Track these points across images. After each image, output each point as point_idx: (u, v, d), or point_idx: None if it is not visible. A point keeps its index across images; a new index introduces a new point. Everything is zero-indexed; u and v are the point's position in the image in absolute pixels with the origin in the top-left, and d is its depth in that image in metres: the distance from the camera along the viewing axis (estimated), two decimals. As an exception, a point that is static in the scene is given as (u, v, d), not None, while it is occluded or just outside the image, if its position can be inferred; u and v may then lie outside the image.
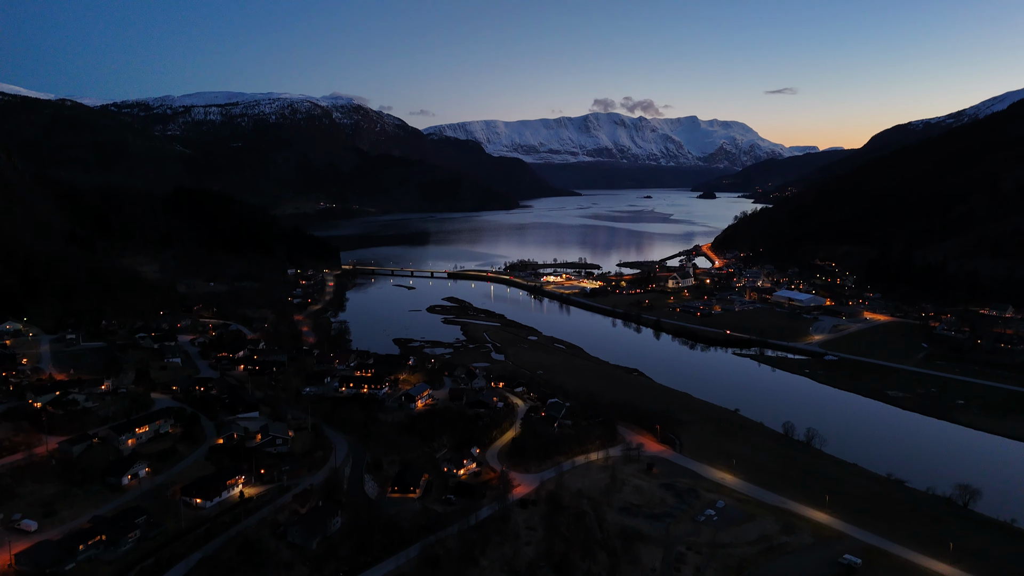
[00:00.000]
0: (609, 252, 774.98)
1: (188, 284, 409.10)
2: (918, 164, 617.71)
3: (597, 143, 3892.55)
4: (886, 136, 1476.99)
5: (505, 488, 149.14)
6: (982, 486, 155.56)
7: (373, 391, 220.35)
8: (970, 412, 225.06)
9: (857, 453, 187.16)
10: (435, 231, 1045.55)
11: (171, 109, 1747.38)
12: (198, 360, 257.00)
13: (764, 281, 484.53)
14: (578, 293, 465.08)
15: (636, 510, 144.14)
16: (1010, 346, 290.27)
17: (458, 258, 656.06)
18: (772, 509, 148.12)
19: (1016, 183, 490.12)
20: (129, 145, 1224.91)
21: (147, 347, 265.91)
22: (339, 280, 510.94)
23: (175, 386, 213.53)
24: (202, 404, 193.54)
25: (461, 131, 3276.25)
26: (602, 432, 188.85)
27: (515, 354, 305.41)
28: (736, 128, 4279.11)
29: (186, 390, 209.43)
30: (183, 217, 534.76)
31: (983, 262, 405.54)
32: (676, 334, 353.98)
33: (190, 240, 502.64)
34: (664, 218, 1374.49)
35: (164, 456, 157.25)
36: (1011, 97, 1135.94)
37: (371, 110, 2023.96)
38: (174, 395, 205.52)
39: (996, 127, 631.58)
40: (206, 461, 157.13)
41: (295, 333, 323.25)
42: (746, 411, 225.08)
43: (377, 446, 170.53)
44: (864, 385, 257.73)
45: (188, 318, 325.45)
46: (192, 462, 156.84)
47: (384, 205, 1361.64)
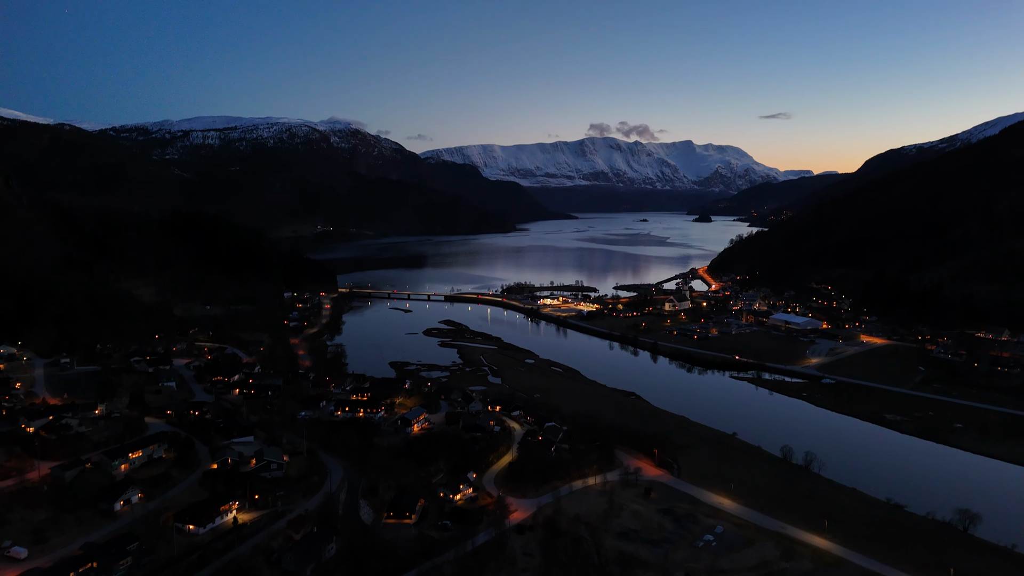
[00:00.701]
0: (606, 275, 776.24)
1: (184, 307, 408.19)
2: (912, 188, 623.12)
3: (593, 167, 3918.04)
4: (880, 160, 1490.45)
5: (502, 513, 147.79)
6: (982, 511, 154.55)
7: (369, 415, 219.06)
8: (969, 436, 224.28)
9: (856, 477, 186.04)
10: (432, 254, 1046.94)
11: (170, 133, 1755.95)
12: (193, 384, 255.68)
13: (760, 304, 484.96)
14: (575, 316, 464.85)
15: (634, 535, 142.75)
16: (1007, 369, 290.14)
17: (455, 281, 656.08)
18: (771, 534, 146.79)
19: (1010, 207, 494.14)
20: (127, 169, 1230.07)
21: (142, 371, 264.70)
22: (336, 303, 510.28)
23: (169, 410, 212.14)
24: (196, 428, 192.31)
25: (458, 155, 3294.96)
26: (600, 456, 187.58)
27: (512, 377, 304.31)
28: (731, 152, 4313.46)
29: (180, 414, 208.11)
30: (180, 241, 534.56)
31: (978, 285, 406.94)
32: (673, 357, 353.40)
33: (187, 263, 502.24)
34: (660, 241, 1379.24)
35: (157, 481, 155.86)
36: (1003, 122, 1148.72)
37: (369, 134, 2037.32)
38: (168, 419, 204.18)
39: (988, 151, 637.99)
40: (200, 486, 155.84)
41: (291, 356, 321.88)
42: (744, 435, 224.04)
43: (373, 471, 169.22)
44: (862, 408, 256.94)
45: (184, 341, 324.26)
46: (185, 487, 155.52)
47: (381, 228, 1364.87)
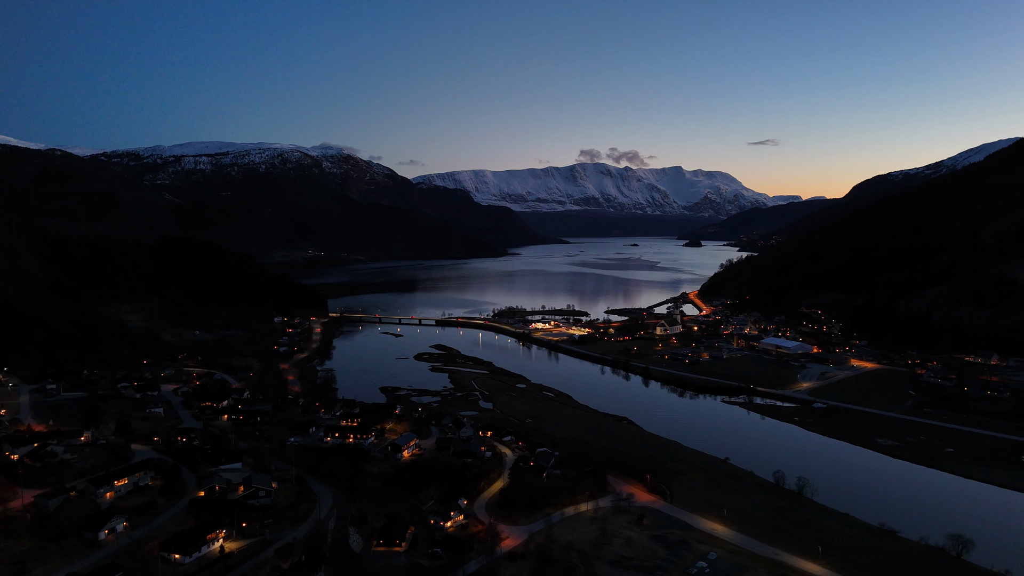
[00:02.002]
0: (597, 299, 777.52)
1: (174, 333, 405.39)
2: (900, 214, 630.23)
3: (584, 192, 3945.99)
4: (867, 186, 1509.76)
5: (493, 541, 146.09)
6: (975, 536, 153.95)
7: (359, 441, 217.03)
8: (960, 461, 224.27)
9: (848, 502, 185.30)
10: (423, 279, 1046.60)
11: (161, 159, 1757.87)
12: (181, 410, 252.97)
13: (751, 328, 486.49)
14: (566, 340, 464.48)
15: (627, 563, 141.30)
16: (996, 394, 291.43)
17: (446, 305, 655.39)
18: (765, 561, 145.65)
19: (995, 234, 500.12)
20: (118, 195, 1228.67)
21: (129, 397, 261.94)
22: (326, 328, 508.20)
23: (157, 437, 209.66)
24: (184, 455, 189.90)
25: (450, 180, 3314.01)
26: (592, 482, 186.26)
27: (503, 402, 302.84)
28: (720, 178, 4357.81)
29: (168, 441, 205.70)
30: (171, 266, 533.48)
31: (966, 311, 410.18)
32: (665, 381, 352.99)
33: (177, 289, 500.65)
34: (651, 266, 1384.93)
35: (143, 510, 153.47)
36: (987, 149, 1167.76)
37: (361, 160, 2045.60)
38: (155, 446, 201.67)
39: (974, 178, 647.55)
40: (186, 515, 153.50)
41: (280, 382, 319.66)
42: (736, 460, 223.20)
43: (362, 498, 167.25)
44: (853, 433, 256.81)
45: (172, 367, 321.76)
46: (172, 516, 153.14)
47: (373, 253, 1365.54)
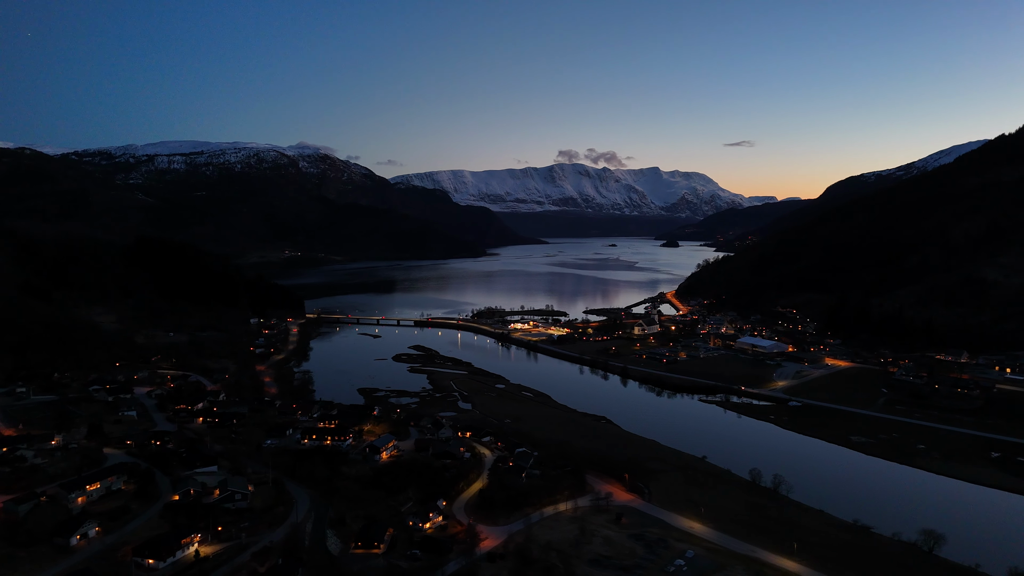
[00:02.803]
0: (576, 299, 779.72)
1: (147, 335, 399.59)
2: (873, 216, 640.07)
3: (563, 193, 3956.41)
4: (841, 187, 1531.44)
5: (472, 542, 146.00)
6: (946, 531, 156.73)
7: (337, 443, 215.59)
8: (931, 457, 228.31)
9: (823, 499, 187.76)
10: (402, 279, 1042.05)
11: (134, 158, 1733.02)
12: (155, 413, 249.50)
13: (728, 328, 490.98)
14: (545, 340, 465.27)
15: (606, 562, 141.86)
16: (966, 391, 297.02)
17: (425, 306, 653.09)
18: (742, 558, 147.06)
19: (965, 234, 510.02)
20: (90, 194, 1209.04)
21: (101, 400, 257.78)
22: (303, 329, 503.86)
23: (130, 440, 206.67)
24: (158, 459, 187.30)
25: (428, 180, 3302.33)
26: (571, 482, 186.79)
27: (482, 403, 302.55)
28: (697, 179, 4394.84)
29: (141, 445, 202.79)
30: (145, 267, 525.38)
31: (937, 310, 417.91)
32: (643, 381, 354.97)
33: (151, 291, 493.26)
34: (629, 266, 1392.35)
35: (116, 515, 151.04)
36: (957, 151, 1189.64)
37: (338, 159, 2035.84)
38: (128, 450, 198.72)
39: (944, 180, 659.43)
40: (160, 519, 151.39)
41: (257, 384, 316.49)
42: (713, 458, 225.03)
43: (340, 500, 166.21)
44: (828, 431, 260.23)
45: (146, 370, 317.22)
46: (145, 520, 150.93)
47: (351, 254, 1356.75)
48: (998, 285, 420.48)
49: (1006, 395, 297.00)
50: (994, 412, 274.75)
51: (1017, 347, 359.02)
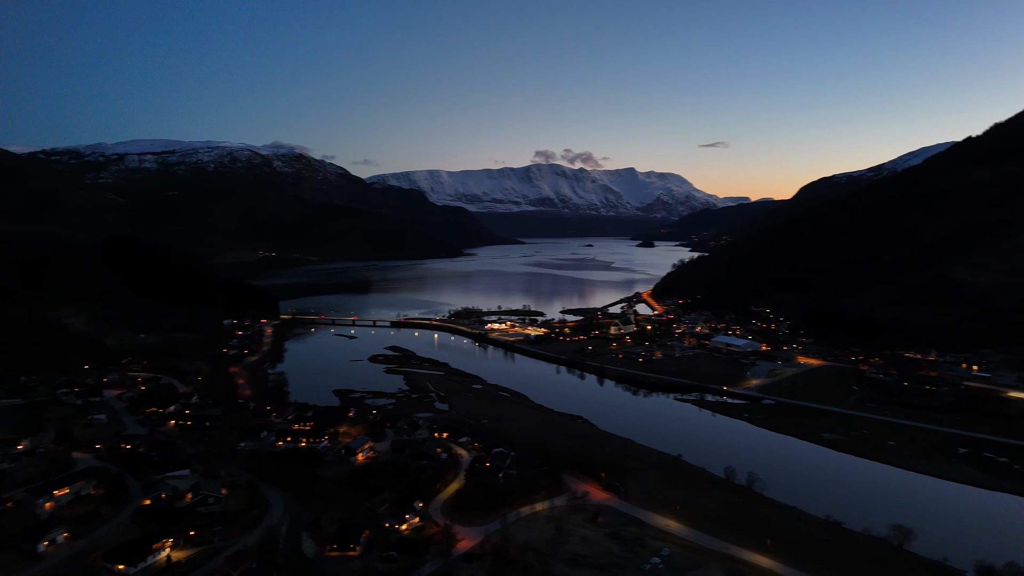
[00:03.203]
0: (553, 299, 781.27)
1: (119, 337, 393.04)
2: (846, 215, 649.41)
3: (539, 193, 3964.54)
4: (813, 188, 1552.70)
5: (449, 543, 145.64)
6: (915, 526, 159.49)
7: (312, 444, 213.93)
8: (901, 454, 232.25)
9: (796, 496, 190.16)
10: (378, 279, 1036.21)
11: (104, 157, 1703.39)
12: (125, 416, 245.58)
13: (702, 327, 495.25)
14: (522, 340, 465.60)
15: (582, 561, 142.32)
16: (935, 388, 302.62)
17: (402, 306, 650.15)
18: (717, 555, 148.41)
19: (935, 234, 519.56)
20: (59, 194, 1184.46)
21: (70, 403, 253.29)
22: (278, 330, 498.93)
23: (99, 444, 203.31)
24: (129, 463, 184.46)
25: (405, 180, 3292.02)
26: (548, 481, 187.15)
27: (459, 403, 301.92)
28: (672, 179, 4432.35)
29: (111, 448, 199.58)
30: (116, 268, 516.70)
31: (908, 309, 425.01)
32: (619, 380, 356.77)
33: (123, 292, 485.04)
34: (605, 266, 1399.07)
35: (85, 520, 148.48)
36: (925, 152, 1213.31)
37: (313, 159, 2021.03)
38: (98, 454, 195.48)
39: (914, 181, 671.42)
40: (131, 524, 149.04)
41: (231, 386, 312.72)
42: (688, 456, 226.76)
43: (316, 503, 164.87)
44: (801, 428, 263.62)
45: (116, 372, 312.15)
46: (116, 525, 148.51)
47: (327, 254, 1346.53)
48: (967, 284, 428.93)
49: (973, 392, 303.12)
50: (962, 409, 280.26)
51: (984, 345, 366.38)
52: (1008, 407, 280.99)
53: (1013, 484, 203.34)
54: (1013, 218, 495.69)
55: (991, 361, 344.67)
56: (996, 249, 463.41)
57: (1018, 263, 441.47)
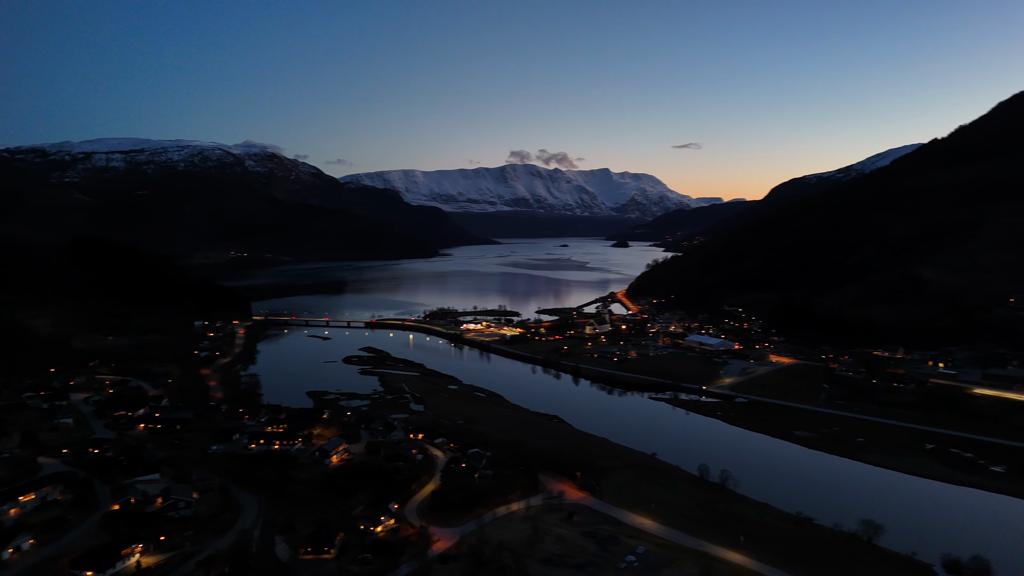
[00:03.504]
0: (528, 299, 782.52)
1: (85, 339, 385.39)
2: (816, 217, 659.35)
3: (515, 193, 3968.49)
4: (784, 188, 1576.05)
5: (424, 544, 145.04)
6: (884, 521, 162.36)
7: (285, 447, 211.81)
8: (870, 450, 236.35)
9: (768, 493, 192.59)
10: (353, 280, 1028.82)
11: (70, 156, 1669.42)
12: (93, 420, 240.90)
13: (676, 327, 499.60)
14: (498, 340, 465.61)
15: (558, 560, 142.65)
16: (902, 385, 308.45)
17: (376, 307, 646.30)
18: (691, 553, 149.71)
19: (902, 234, 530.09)
20: (24, 193, 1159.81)
21: (35, 407, 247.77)
22: (250, 331, 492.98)
23: (66, 449, 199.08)
24: (96, 467, 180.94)
25: (379, 180, 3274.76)
26: (523, 481, 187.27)
27: (435, 404, 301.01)
28: (646, 180, 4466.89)
29: (79, 453, 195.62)
30: (83, 269, 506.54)
31: (877, 308, 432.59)
32: (594, 380, 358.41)
33: (90, 293, 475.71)
34: (581, 266, 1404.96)
35: (52, 526, 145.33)
36: (892, 154, 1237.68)
37: (286, 158, 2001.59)
38: (65, 459, 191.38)
39: (881, 182, 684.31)
40: (100, 530, 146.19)
41: (202, 388, 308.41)
42: (663, 455, 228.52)
43: (290, 505, 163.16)
44: (773, 426, 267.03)
45: (83, 375, 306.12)
46: (84, 531, 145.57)
47: (300, 254, 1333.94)
48: (933, 283, 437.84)
49: (939, 389, 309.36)
50: (928, 405, 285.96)
51: (950, 343, 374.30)
52: (973, 404, 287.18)
53: (978, 479, 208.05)
54: (977, 219, 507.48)
55: (956, 359, 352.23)
56: (961, 249, 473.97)
57: (982, 263, 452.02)
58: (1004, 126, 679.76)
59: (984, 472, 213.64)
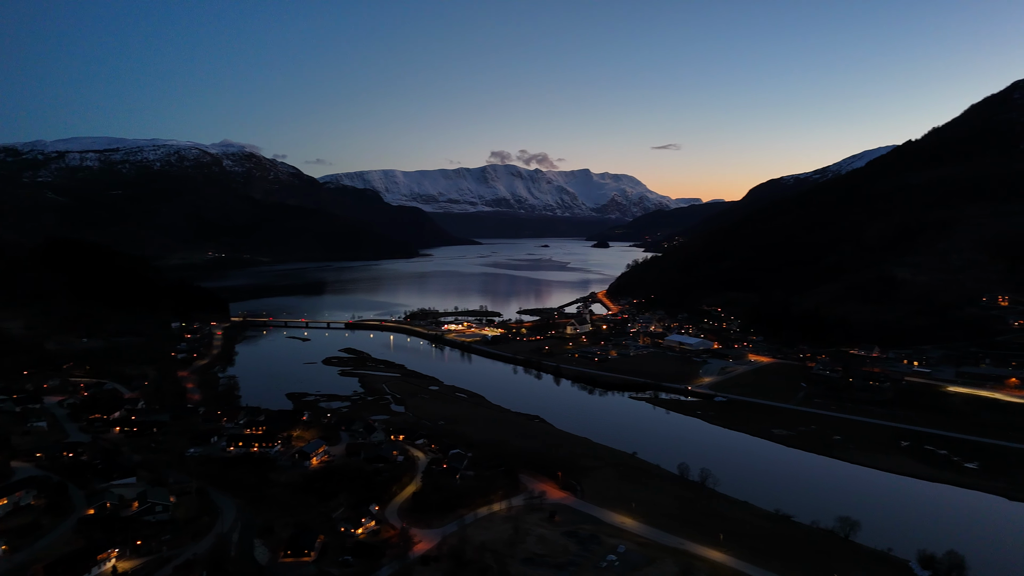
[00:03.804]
0: (509, 300, 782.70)
1: (59, 341, 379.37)
2: (793, 217, 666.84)
3: (495, 193, 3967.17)
4: (762, 189, 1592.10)
5: (406, 546, 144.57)
6: (861, 518, 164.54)
7: (265, 449, 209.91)
8: (847, 448, 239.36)
9: (747, 491, 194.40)
10: (332, 280, 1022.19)
11: (43, 155, 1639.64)
12: (67, 423, 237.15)
13: (656, 326, 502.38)
14: (479, 341, 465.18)
15: (539, 560, 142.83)
16: (878, 384, 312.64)
17: (356, 308, 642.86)
18: (671, 551, 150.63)
19: (877, 234, 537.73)
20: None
21: (8, 411, 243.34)
22: (228, 333, 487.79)
23: (40, 453, 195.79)
24: (71, 471, 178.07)
25: (359, 180, 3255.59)
26: (505, 482, 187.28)
27: (416, 405, 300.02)
28: (626, 181, 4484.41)
29: (53, 457, 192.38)
30: (56, 270, 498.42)
31: (852, 307, 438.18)
32: (575, 379, 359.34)
33: (63, 295, 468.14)
34: (561, 266, 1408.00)
35: (25, 531, 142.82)
36: (868, 155, 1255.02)
37: (264, 158, 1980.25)
38: (38, 463, 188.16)
39: (857, 183, 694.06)
40: (75, 534, 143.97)
41: (179, 390, 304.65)
42: (643, 454, 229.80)
43: (269, 508, 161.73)
44: (751, 425, 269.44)
45: (57, 378, 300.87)
46: (58, 536, 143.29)
47: (279, 255, 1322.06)
48: (907, 283, 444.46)
49: (914, 387, 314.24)
50: (903, 403, 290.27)
51: (924, 341, 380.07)
52: (947, 401, 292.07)
53: (952, 475, 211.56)
54: (949, 219, 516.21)
55: (930, 357, 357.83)
56: (934, 249, 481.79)
57: (955, 262, 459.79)
58: (976, 128, 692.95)
59: (958, 468, 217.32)
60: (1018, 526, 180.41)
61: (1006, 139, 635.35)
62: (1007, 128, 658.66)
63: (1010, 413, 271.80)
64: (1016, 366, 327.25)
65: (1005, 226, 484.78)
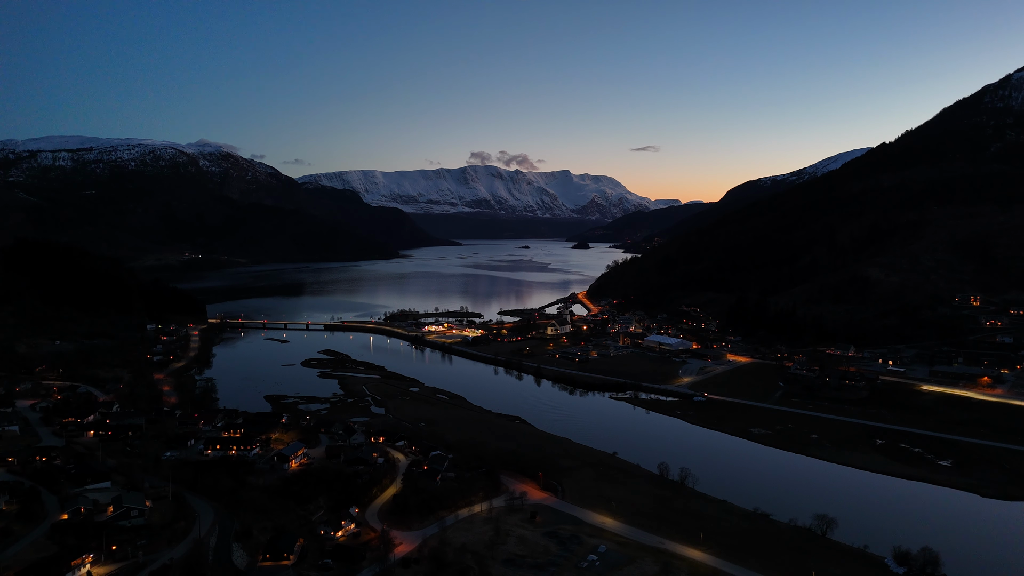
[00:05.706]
0: (490, 301, 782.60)
1: (30, 344, 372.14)
2: (769, 219, 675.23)
3: (476, 194, 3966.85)
4: (740, 191, 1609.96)
5: (386, 548, 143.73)
6: (837, 515, 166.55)
7: (242, 452, 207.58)
8: (823, 446, 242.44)
9: (726, 489, 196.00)
10: (311, 281, 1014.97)
11: (14, 154, 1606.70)
12: (40, 427, 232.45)
13: (636, 327, 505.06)
14: (460, 342, 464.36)
15: (520, 561, 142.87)
16: (853, 383, 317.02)
17: (336, 309, 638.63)
18: (651, 550, 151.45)
19: (851, 236, 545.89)
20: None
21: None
22: (205, 335, 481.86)
23: (11, 457, 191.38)
24: (43, 476, 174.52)
25: (338, 180, 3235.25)
26: (485, 483, 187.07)
27: (396, 407, 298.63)
28: (606, 182, 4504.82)
29: (24, 461, 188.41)
30: (26, 272, 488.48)
31: (827, 307, 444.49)
32: (556, 380, 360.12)
33: (33, 296, 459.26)
34: (542, 267, 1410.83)
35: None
36: (843, 158, 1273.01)
37: (241, 158, 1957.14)
38: (10, 468, 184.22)
39: (832, 185, 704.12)
40: (47, 540, 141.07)
41: (154, 393, 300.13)
42: (623, 454, 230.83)
43: (247, 512, 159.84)
44: (730, 424, 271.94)
45: (28, 381, 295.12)
46: (30, 543, 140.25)
47: (256, 256, 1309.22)
48: (880, 283, 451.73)
49: (889, 386, 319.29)
50: (878, 402, 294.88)
51: (898, 341, 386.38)
52: (920, 399, 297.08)
53: (926, 473, 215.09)
54: (920, 220, 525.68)
55: (904, 356, 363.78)
56: (906, 250, 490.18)
57: (926, 263, 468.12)
58: (947, 131, 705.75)
59: (932, 466, 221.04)
60: (990, 522, 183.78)
61: (975, 143, 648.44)
62: (977, 132, 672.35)
63: (982, 411, 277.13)
64: (988, 365, 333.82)
65: (974, 227, 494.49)
